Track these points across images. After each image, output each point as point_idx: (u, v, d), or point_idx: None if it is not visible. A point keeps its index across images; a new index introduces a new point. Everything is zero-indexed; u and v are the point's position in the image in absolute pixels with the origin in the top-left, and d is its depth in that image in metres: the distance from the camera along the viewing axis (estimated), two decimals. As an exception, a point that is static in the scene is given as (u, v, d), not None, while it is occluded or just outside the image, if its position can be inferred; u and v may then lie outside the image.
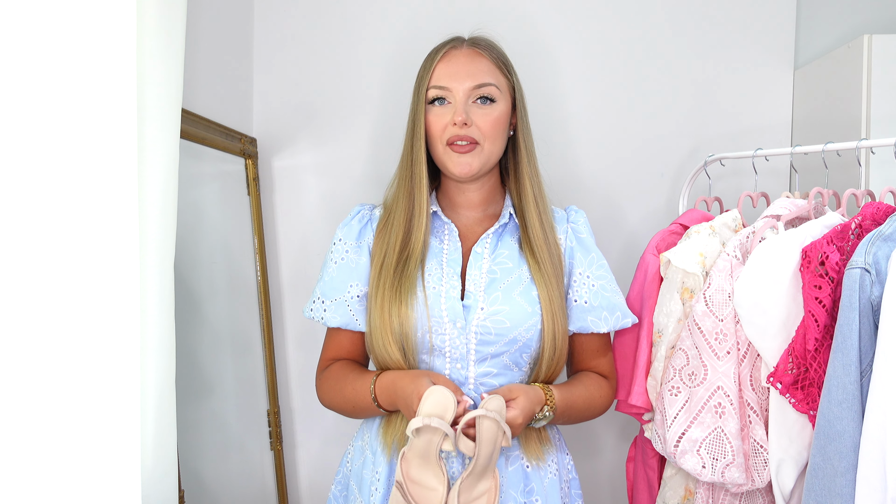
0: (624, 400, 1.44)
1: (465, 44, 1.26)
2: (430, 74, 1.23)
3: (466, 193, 1.29)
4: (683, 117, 1.87)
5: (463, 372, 1.20)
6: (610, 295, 1.28)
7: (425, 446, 1.11)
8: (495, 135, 1.22)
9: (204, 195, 1.61)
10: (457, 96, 1.21)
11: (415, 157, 1.23)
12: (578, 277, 1.27)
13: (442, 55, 1.24)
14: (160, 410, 1.01)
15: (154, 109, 0.96)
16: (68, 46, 0.83)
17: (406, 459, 1.13)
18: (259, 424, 1.78)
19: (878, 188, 1.45)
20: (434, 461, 1.12)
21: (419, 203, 1.22)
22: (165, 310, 1.01)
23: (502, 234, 1.28)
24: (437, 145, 1.23)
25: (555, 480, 1.25)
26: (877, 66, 1.55)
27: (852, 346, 1.06)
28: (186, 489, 1.37)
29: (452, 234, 1.26)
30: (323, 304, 1.27)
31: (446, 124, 1.21)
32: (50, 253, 0.83)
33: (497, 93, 1.23)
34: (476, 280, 1.22)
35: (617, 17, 1.86)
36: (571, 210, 1.33)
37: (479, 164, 1.22)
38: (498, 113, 1.22)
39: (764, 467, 1.26)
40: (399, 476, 1.13)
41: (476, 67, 1.22)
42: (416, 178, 1.23)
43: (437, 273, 1.22)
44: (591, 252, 1.29)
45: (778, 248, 1.22)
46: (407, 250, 1.22)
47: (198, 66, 1.54)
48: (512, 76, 1.28)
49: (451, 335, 1.19)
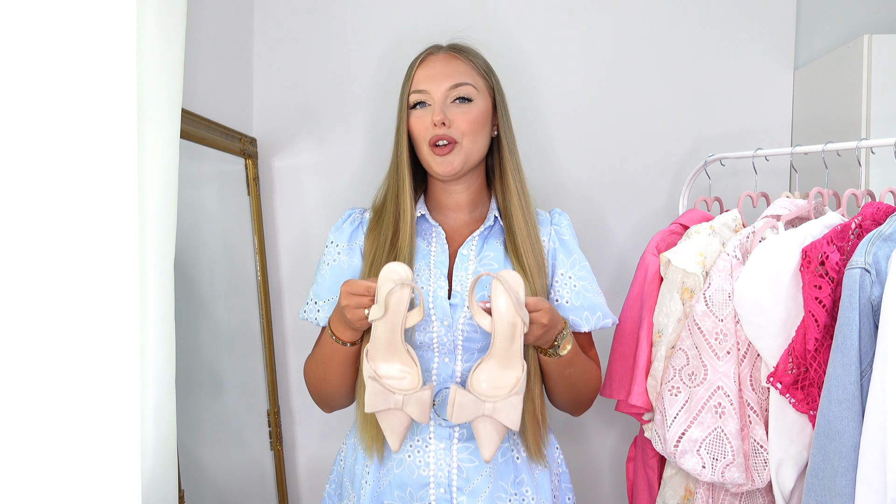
0: (624, 400, 1.44)
1: (442, 50, 1.31)
2: (411, 80, 1.28)
3: (453, 195, 1.32)
4: (683, 117, 1.87)
5: (451, 366, 1.23)
6: (591, 295, 1.30)
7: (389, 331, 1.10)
8: (474, 132, 1.26)
9: (204, 195, 1.61)
10: (435, 97, 1.25)
11: (399, 160, 1.27)
12: (560, 278, 1.29)
13: (420, 61, 1.29)
14: (160, 410, 1.01)
15: (154, 109, 0.96)
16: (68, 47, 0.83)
17: (371, 356, 1.12)
18: (259, 424, 1.78)
19: (878, 188, 1.45)
20: (399, 347, 1.11)
21: (404, 205, 1.26)
22: (165, 309, 1.01)
23: (488, 236, 1.30)
24: (422, 147, 1.26)
25: (545, 472, 1.27)
26: (877, 66, 1.55)
27: (852, 346, 1.06)
28: (186, 489, 1.37)
29: (439, 237, 1.29)
30: (316, 305, 1.30)
31: (427, 125, 1.25)
32: (50, 253, 0.83)
33: (474, 92, 1.27)
34: (463, 280, 1.25)
35: (618, 18, 1.86)
36: (555, 212, 1.36)
37: (459, 161, 1.25)
38: (476, 111, 1.26)
39: (764, 467, 1.26)
40: (369, 372, 1.11)
41: (452, 69, 1.27)
42: (400, 180, 1.27)
43: (425, 273, 1.25)
44: (574, 253, 1.31)
45: (778, 248, 1.22)
46: (394, 252, 1.25)
47: (198, 66, 1.54)
48: (491, 78, 1.32)
49: (438, 332, 1.22)
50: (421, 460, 1.22)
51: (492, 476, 1.22)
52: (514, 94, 1.84)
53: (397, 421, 1.12)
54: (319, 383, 1.28)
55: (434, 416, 1.22)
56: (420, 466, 1.22)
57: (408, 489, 1.22)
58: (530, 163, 1.84)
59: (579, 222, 1.86)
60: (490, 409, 1.10)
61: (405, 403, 1.10)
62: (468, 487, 1.21)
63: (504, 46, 1.85)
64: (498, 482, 1.22)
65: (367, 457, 1.25)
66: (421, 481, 1.22)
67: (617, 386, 1.46)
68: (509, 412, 1.10)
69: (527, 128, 1.86)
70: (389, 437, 1.13)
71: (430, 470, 1.22)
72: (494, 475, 1.22)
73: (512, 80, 1.84)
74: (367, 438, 1.24)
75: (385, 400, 1.11)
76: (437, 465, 1.22)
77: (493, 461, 1.22)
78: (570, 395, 1.28)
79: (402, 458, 1.23)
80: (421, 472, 1.22)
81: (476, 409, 1.10)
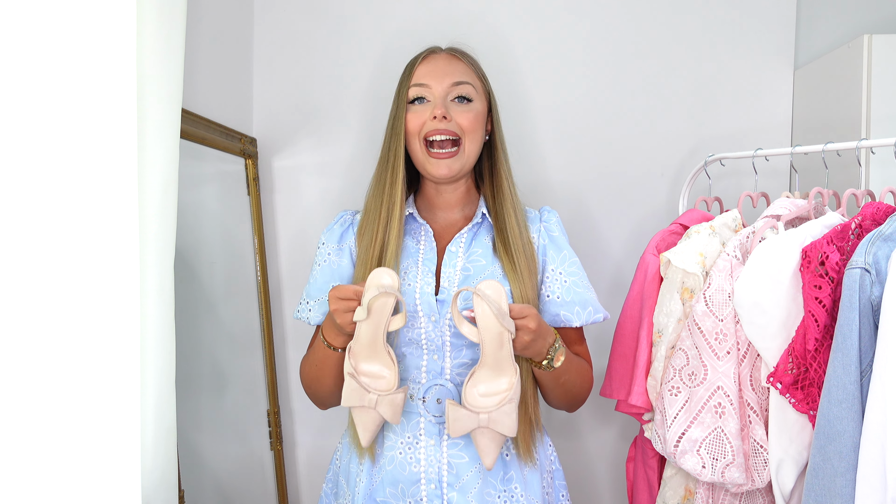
0: (624, 400, 1.44)
1: (443, 50, 1.33)
2: (411, 76, 1.29)
3: (444, 195, 1.34)
4: (683, 117, 1.87)
5: (439, 363, 1.24)
6: (582, 291, 1.30)
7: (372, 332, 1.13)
8: (474, 132, 1.28)
9: (204, 195, 1.61)
10: (436, 92, 1.27)
11: (393, 156, 1.28)
12: (551, 274, 1.31)
13: (422, 59, 1.31)
14: (160, 410, 1.01)
15: (154, 109, 0.96)
16: (68, 47, 0.83)
17: (353, 353, 1.16)
18: (259, 424, 1.78)
19: (878, 188, 1.45)
20: (381, 348, 1.15)
21: (394, 204, 1.27)
22: (165, 310, 1.01)
23: (476, 233, 1.32)
24: (416, 144, 1.27)
25: (535, 470, 1.28)
26: (877, 66, 1.55)
27: (852, 346, 1.06)
28: (186, 489, 1.37)
29: (428, 235, 1.30)
30: (308, 305, 1.32)
31: (425, 120, 1.26)
32: (50, 253, 0.83)
33: (474, 92, 1.29)
34: (450, 277, 1.26)
35: (618, 19, 1.86)
36: (545, 210, 1.37)
37: (459, 165, 1.27)
38: (476, 111, 1.28)
39: (764, 467, 1.26)
40: (349, 368, 1.15)
41: (454, 68, 1.29)
42: (392, 178, 1.27)
43: (413, 271, 1.27)
44: (563, 250, 1.32)
45: (778, 248, 1.22)
46: (383, 250, 1.26)
47: (198, 66, 1.54)
48: (486, 82, 1.35)
49: (426, 328, 1.23)
50: (412, 457, 1.24)
51: (481, 473, 1.23)
52: (514, 94, 1.84)
53: (369, 419, 1.17)
54: (314, 384, 1.30)
55: (424, 412, 1.24)
56: (411, 463, 1.24)
57: (399, 486, 1.24)
58: (530, 163, 1.85)
59: (579, 222, 1.87)
60: (485, 420, 1.13)
61: (378, 403, 1.15)
62: (458, 483, 1.23)
63: (503, 46, 1.85)
64: (488, 479, 1.24)
65: (358, 456, 1.27)
66: (412, 478, 1.23)
67: (617, 386, 1.46)
68: (504, 420, 1.13)
69: (527, 128, 1.86)
70: (360, 432, 1.18)
71: (420, 466, 1.23)
72: (484, 472, 1.23)
73: (511, 81, 1.84)
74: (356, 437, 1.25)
75: (360, 397, 1.15)
76: (428, 462, 1.23)
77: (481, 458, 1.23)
78: (566, 399, 1.30)
79: (393, 455, 1.25)
80: (412, 468, 1.23)
81: (471, 421, 1.13)
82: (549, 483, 1.32)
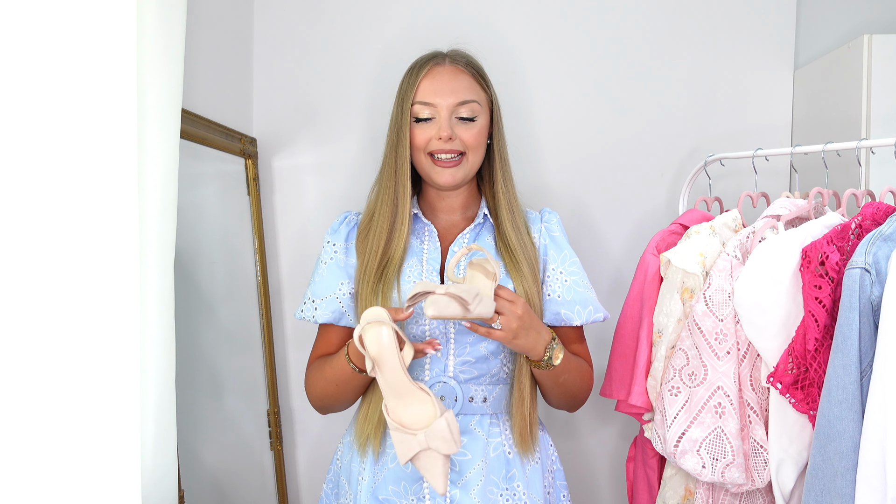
0: (624, 400, 1.44)
1: (446, 59, 1.32)
2: (415, 90, 1.28)
3: (447, 199, 1.35)
4: (683, 117, 1.87)
5: (443, 360, 1.25)
6: (582, 290, 1.32)
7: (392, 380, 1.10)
8: (477, 146, 1.30)
9: (204, 195, 1.61)
10: (441, 112, 1.27)
11: (399, 168, 1.29)
12: (552, 273, 1.32)
13: (426, 71, 1.30)
14: (160, 410, 1.01)
15: (154, 109, 0.96)
16: (68, 47, 0.83)
17: (390, 409, 1.13)
18: (259, 424, 1.77)
19: (878, 188, 1.45)
20: (409, 389, 1.11)
21: (402, 212, 1.28)
22: (165, 310, 1.01)
23: (479, 233, 1.34)
24: (420, 156, 1.29)
25: (537, 468, 1.28)
26: (877, 66, 1.55)
27: (852, 346, 1.06)
28: (186, 489, 1.37)
29: (432, 235, 1.32)
30: (314, 304, 1.32)
31: (430, 138, 1.28)
32: (50, 253, 0.83)
33: (478, 108, 1.30)
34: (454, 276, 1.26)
35: (618, 19, 1.86)
36: (545, 211, 1.39)
37: (462, 174, 1.29)
38: (479, 127, 1.30)
39: (764, 467, 1.26)
40: (393, 425, 1.11)
41: (459, 84, 1.29)
42: (399, 188, 1.29)
43: (417, 269, 1.28)
44: (564, 250, 1.34)
45: (778, 248, 1.22)
46: (389, 253, 1.28)
47: (198, 66, 1.54)
48: (490, 90, 1.35)
49: (430, 326, 1.25)
50: None
51: (484, 470, 1.23)
52: (513, 96, 1.84)
53: (431, 462, 1.11)
54: (329, 400, 1.29)
55: None
56: None
57: (402, 483, 1.24)
58: (530, 163, 1.85)
59: (579, 222, 1.87)
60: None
61: (429, 440, 1.09)
62: (461, 481, 1.23)
63: (502, 46, 1.85)
64: (490, 476, 1.24)
65: (360, 454, 1.27)
66: (415, 475, 1.23)
67: (617, 386, 1.46)
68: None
69: (527, 129, 1.86)
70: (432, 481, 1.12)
71: None
72: (486, 469, 1.24)
73: (511, 82, 1.84)
74: (361, 437, 1.26)
75: (411, 446, 1.10)
76: None
77: (484, 456, 1.24)
78: (566, 398, 1.31)
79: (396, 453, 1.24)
80: None
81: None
82: (550, 483, 1.33)
